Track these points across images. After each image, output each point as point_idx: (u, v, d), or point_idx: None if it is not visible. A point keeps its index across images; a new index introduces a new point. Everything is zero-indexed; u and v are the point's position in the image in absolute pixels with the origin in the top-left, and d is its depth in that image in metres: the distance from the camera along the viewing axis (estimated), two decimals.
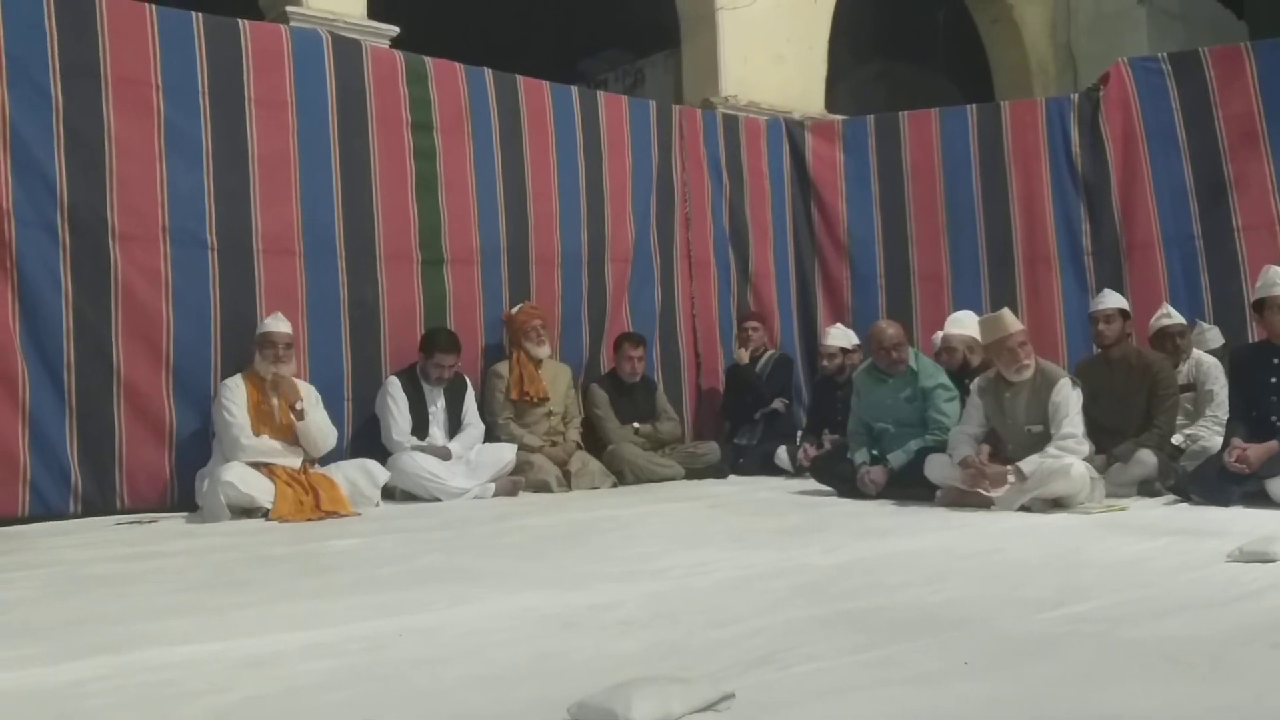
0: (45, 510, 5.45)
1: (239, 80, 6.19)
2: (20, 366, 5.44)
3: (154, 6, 5.98)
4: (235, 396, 5.69)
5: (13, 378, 5.41)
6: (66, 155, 5.62)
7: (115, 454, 5.71)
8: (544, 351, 6.95)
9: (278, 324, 5.86)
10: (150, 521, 5.41)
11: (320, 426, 5.85)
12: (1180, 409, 6.00)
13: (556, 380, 7.06)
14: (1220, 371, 6.14)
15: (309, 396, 5.90)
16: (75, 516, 5.51)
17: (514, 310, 7.03)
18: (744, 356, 7.90)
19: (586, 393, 7.37)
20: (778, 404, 7.75)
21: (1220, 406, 5.98)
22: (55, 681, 2.41)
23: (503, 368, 6.92)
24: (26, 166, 5.51)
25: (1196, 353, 6.36)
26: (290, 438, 5.76)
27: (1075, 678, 2.28)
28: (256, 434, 5.66)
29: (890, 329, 6.06)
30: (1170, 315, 6.41)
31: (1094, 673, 2.31)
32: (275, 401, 5.75)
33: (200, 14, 6.13)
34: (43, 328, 5.53)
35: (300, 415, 5.71)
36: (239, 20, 6.30)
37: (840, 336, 7.62)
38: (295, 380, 5.87)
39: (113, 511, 5.63)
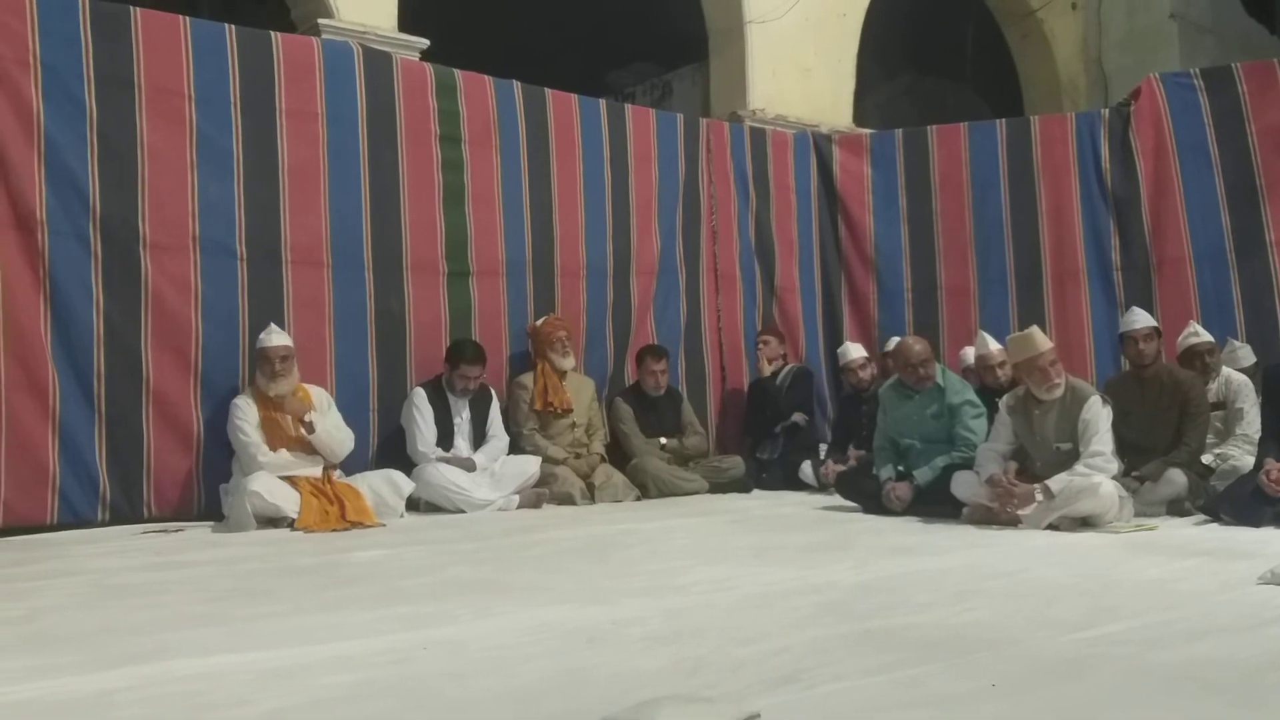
0: (74, 518, 5.50)
1: (270, 92, 6.24)
2: (51, 375, 5.49)
3: (188, 19, 6.05)
4: (246, 415, 5.71)
5: (43, 386, 5.47)
6: (99, 165, 5.69)
7: (143, 463, 5.75)
8: (568, 363, 6.95)
9: (271, 338, 5.82)
10: (176, 530, 5.45)
11: (333, 434, 5.84)
12: (1210, 427, 5.95)
13: (580, 392, 7.06)
14: (1250, 390, 6.08)
15: (319, 402, 5.91)
16: (103, 524, 5.55)
17: (539, 322, 7.05)
18: (765, 369, 7.91)
19: (611, 407, 7.36)
20: (797, 418, 7.73)
21: (1251, 425, 5.92)
22: (84, 691, 2.42)
23: (527, 379, 6.92)
24: (60, 176, 5.58)
25: (1226, 370, 6.29)
26: (306, 448, 5.77)
27: (1104, 701, 2.26)
28: (272, 449, 5.69)
29: (917, 345, 6.03)
30: (1198, 334, 6.34)
31: (1123, 696, 2.29)
32: (287, 415, 5.77)
33: (233, 26, 6.20)
34: (74, 336, 5.59)
35: (310, 429, 5.71)
36: (271, 32, 6.36)
37: (858, 348, 7.64)
38: (304, 386, 5.87)
39: (140, 520, 5.67)
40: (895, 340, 7.61)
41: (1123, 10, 11.67)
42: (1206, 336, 6.35)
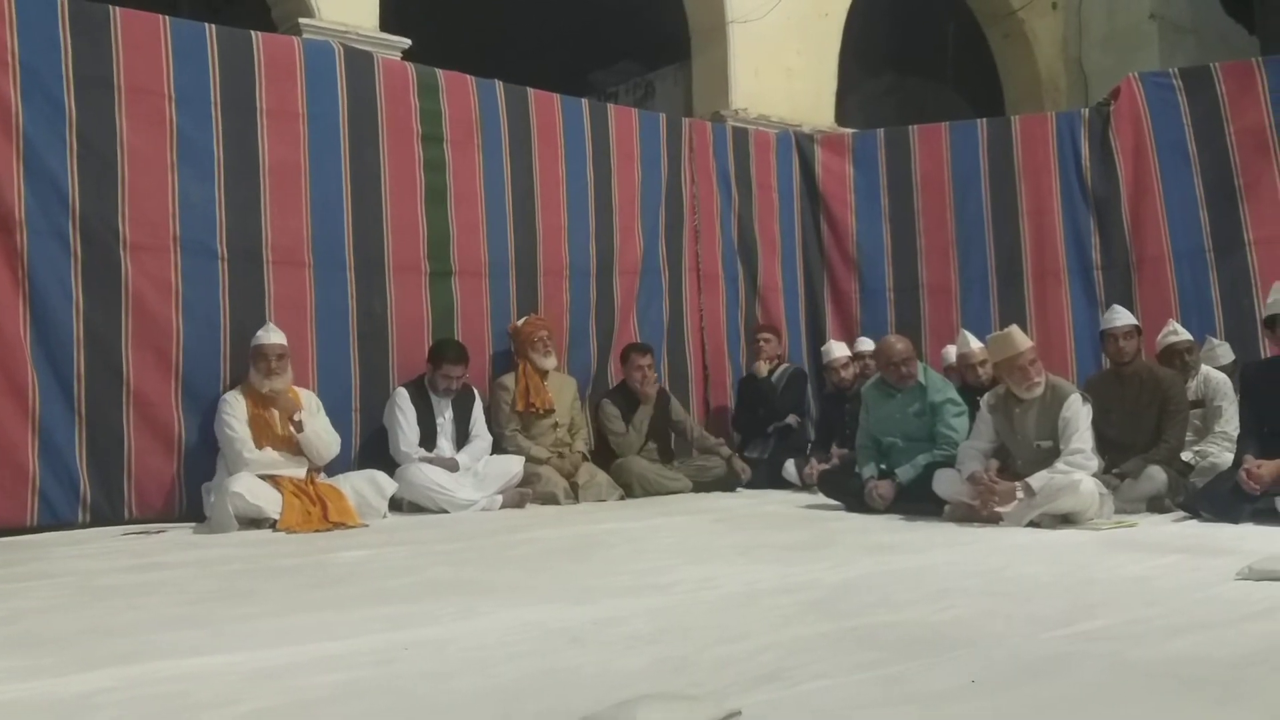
0: (54, 520, 5.47)
1: (251, 91, 6.22)
2: (30, 376, 5.46)
3: (168, 18, 6.03)
4: (235, 411, 5.70)
5: (23, 387, 5.44)
6: (79, 165, 5.66)
7: (124, 464, 5.73)
8: (550, 363, 6.95)
9: (269, 335, 5.85)
10: (158, 532, 5.43)
11: (321, 435, 5.84)
12: (1189, 425, 5.99)
13: (562, 392, 7.06)
14: (1229, 388, 6.12)
15: (309, 405, 5.90)
16: (84, 526, 5.53)
17: (520, 322, 7.04)
18: (762, 369, 7.87)
19: (598, 409, 7.35)
20: (791, 419, 7.73)
21: (1229, 423, 5.96)
22: (65, 693, 2.41)
23: (508, 379, 6.91)
24: (39, 176, 5.55)
25: (1205, 369, 6.33)
26: (293, 448, 5.77)
27: (1084, 697, 2.27)
28: (259, 447, 5.67)
29: (899, 344, 6.05)
30: (1177, 332, 6.38)
31: (1103, 693, 2.30)
32: (275, 413, 5.76)
33: (213, 25, 6.17)
34: (53, 337, 5.56)
35: (299, 428, 5.72)
36: (252, 32, 6.33)
37: (842, 347, 7.64)
38: (295, 389, 5.88)
39: (121, 521, 5.65)
40: (863, 340, 7.66)
41: (1103, 10, 11.74)
42: (1186, 335, 6.39)
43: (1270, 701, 2.24)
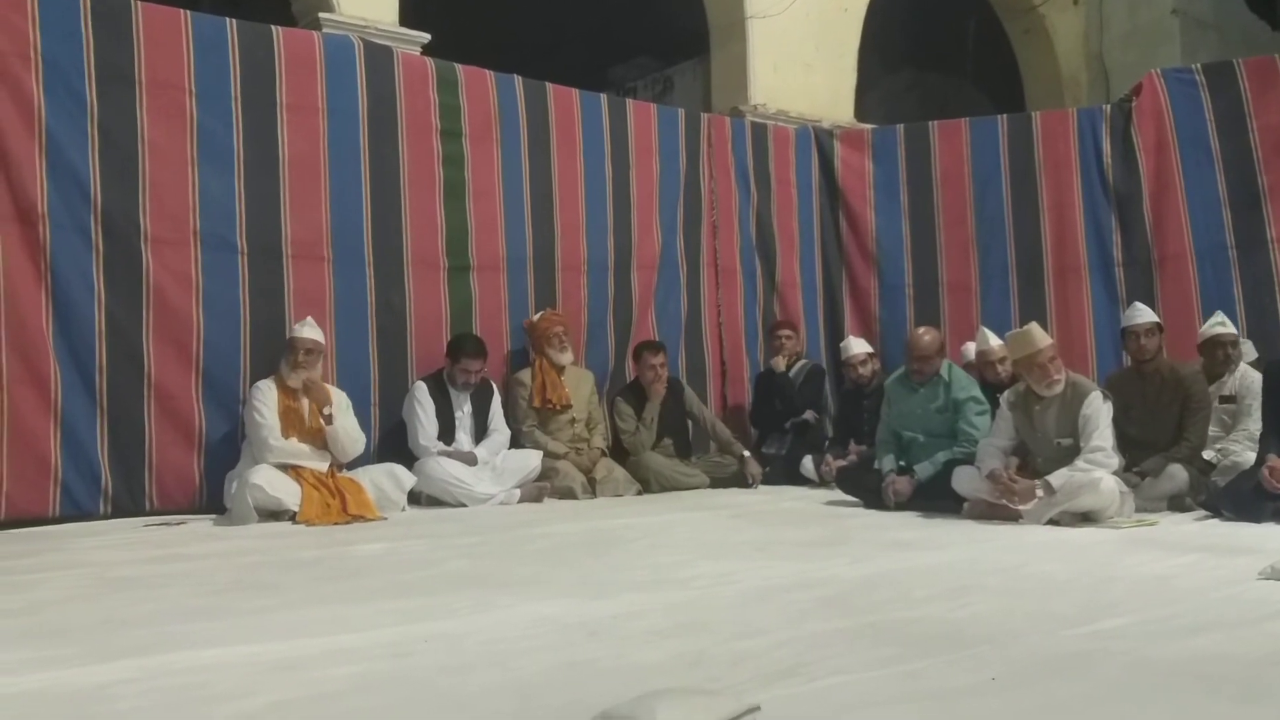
0: (75, 511, 5.51)
1: (271, 86, 6.24)
2: (53, 368, 5.50)
3: (189, 13, 6.05)
4: (266, 398, 5.74)
5: (45, 379, 5.48)
6: (101, 159, 5.69)
7: (145, 456, 5.76)
8: (566, 358, 6.95)
9: (303, 330, 5.90)
10: (178, 524, 5.45)
11: (349, 432, 5.88)
12: (1219, 421, 5.93)
13: (579, 387, 7.06)
14: (1261, 387, 6.04)
15: (339, 402, 5.94)
16: (105, 518, 5.57)
17: (536, 317, 7.04)
18: (781, 364, 7.85)
19: (612, 406, 7.34)
20: (809, 415, 7.70)
21: (1255, 421, 5.89)
22: (84, 683, 2.43)
23: (525, 375, 6.92)
24: (61, 170, 5.58)
25: (1243, 366, 6.18)
26: (319, 441, 5.80)
27: (1103, 696, 2.26)
28: (285, 437, 5.70)
29: (926, 337, 6.00)
30: (1224, 324, 6.21)
31: (1122, 691, 2.29)
32: (305, 405, 5.79)
33: (234, 20, 6.19)
34: (75, 330, 5.59)
35: (329, 420, 5.76)
36: (272, 26, 6.35)
37: (860, 343, 7.60)
38: (327, 386, 5.92)
39: (142, 513, 5.69)
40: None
41: (1125, 6, 11.67)
42: (1232, 329, 6.25)
43: None
